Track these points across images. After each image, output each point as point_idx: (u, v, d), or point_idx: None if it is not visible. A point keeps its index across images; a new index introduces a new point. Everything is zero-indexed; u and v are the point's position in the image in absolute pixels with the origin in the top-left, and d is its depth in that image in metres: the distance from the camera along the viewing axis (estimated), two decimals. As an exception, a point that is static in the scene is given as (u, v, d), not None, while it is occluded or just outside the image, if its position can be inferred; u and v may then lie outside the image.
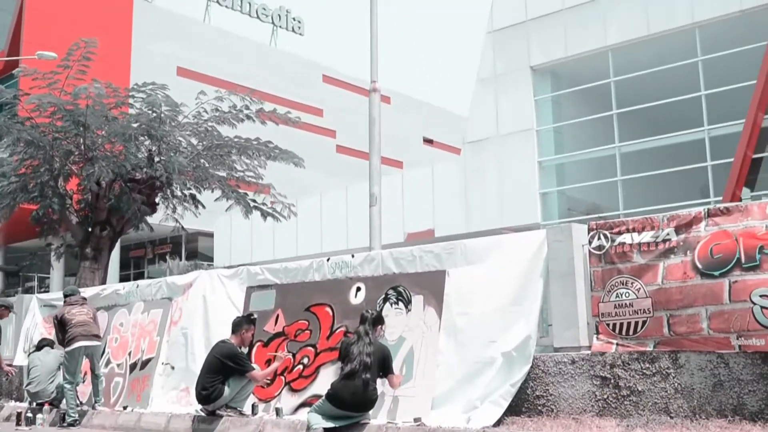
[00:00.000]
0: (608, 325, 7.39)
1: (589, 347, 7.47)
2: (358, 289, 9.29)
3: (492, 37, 26.11)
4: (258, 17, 48.37)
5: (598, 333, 7.46)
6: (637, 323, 7.21)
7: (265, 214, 20.91)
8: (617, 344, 7.29)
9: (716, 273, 6.83)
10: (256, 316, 9.76)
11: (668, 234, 7.16)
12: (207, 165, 19.67)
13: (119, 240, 22.53)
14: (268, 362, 9.47)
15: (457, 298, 8.36)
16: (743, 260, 6.72)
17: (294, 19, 50.29)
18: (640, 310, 7.19)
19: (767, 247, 6.64)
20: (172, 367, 10.83)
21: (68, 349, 10.75)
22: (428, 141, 52.83)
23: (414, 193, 27.50)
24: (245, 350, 9.48)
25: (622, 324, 7.31)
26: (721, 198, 21.00)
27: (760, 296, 6.55)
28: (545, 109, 25.17)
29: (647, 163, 23.93)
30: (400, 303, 8.81)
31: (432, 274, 8.64)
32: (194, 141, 19.81)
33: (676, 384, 6.86)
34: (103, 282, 18.37)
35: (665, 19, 22.71)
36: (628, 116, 23.99)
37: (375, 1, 13.94)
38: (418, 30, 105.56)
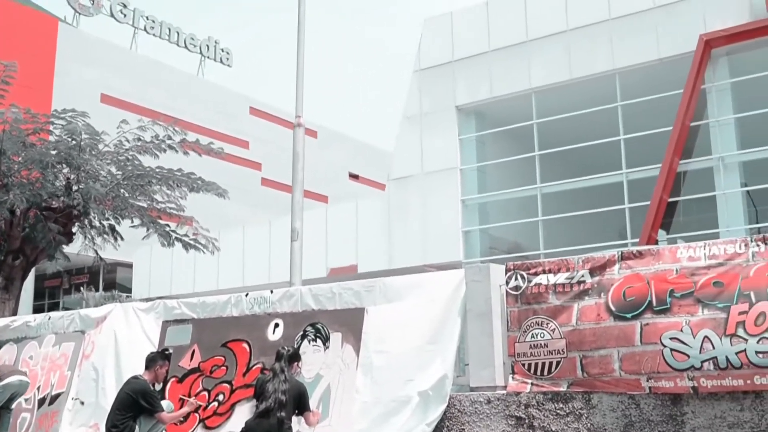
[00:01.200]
0: (524, 365, 7.45)
1: (505, 387, 7.51)
2: (276, 325, 9.20)
3: (419, 75, 26.40)
4: (186, 47, 48.05)
5: (513, 373, 7.51)
6: (551, 363, 7.29)
7: (187, 246, 20.59)
8: (532, 384, 7.36)
9: (628, 315, 6.96)
10: (171, 351, 9.56)
11: (583, 276, 7.29)
12: (127, 195, 19.31)
13: (34, 269, 21.89)
14: (182, 400, 9.26)
15: (376, 336, 8.34)
16: (654, 303, 6.86)
17: (222, 50, 50.11)
18: (555, 350, 7.28)
19: (678, 291, 6.80)
20: (82, 402, 10.51)
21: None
22: (354, 176, 53.00)
23: (338, 228, 27.49)
24: (159, 386, 9.25)
25: (537, 364, 7.38)
26: (638, 240, 21.47)
27: (670, 339, 6.70)
28: (469, 149, 25.47)
29: (568, 204, 24.37)
30: (318, 340, 8.75)
31: (351, 311, 8.62)
32: (114, 170, 19.44)
33: (588, 424, 6.94)
34: (14, 313, 17.78)
35: (587, 65, 23.28)
36: (550, 158, 24.44)
37: (302, 37, 13.97)
38: (348, 65, 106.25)
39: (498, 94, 24.75)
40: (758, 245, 6.64)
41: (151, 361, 8.97)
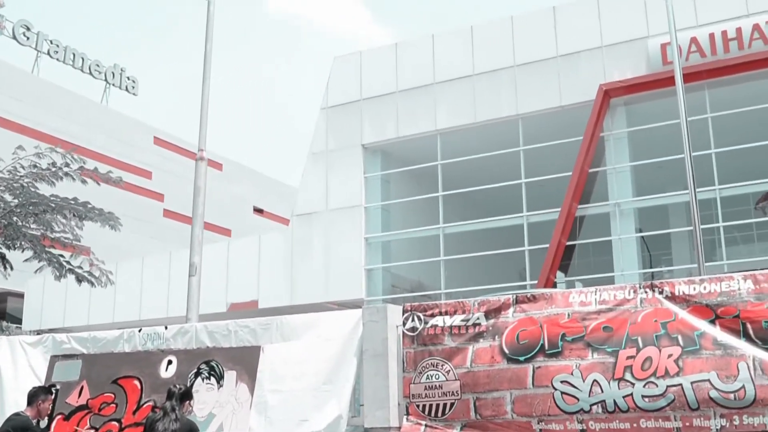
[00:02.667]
0: (418, 406, 7.44)
1: (399, 428, 7.48)
2: (170, 362, 8.97)
3: (326, 112, 26.48)
4: (90, 73, 47.09)
5: (408, 414, 7.49)
6: (445, 405, 7.30)
7: (80, 279, 20.00)
8: (426, 425, 7.34)
9: (521, 358, 7.04)
10: (58, 386, 9.22)
11: (478, 318, 7.35)
12: (20, 223, 18.69)
13: None
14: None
15: (271, 375, 8.22)
16: (547, 347, 6.96)
17: (128, 78, 49.29)
18: (449, 392, 7.29)
19: (569, 335, 6.91)
20: (-41, 440, 10.03)
21: None
22: (258, 210, 52.59)
23: (240, 262, 27.14)
24: (44, 423, 8.91)
25: (431, 405, 7.37)
26: (536, 281, 21.88)
27: (561, 382, 6.79)
28: (374, 187, 25.60)
29: (469, 245, 24.70)
30: (212, 378, 8.57)
31: (247, 349, 8.47)
32: (8, 197, 18.83)
33: (480, 467, 6.96)
34: None
35: (491, 109, 23.76)
36: (453, 198, 24.78)
37: (208, 71, 13.84)
38: (257, 99, 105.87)
39: (404, 134, 25.02)
40: (646, 292, 6.82)
41: (32, 397, 8.64)
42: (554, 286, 21.96)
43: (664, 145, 20.22)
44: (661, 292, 6.76)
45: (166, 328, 9.23)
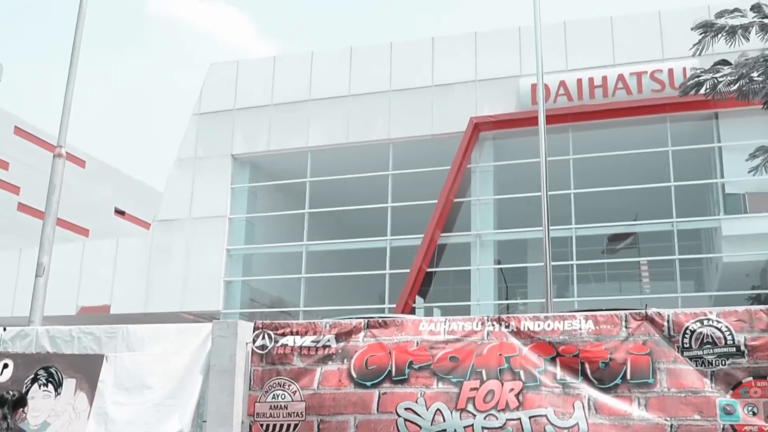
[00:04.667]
0: (262, 425, 7.34)
1: (241, 447, 7.38)
2: (6, 365, 8.53)
3: (198, 119, 26.03)
4: (-50, 55, 44.81)
5: (251, 433, 7.39)
6: (289, 426, 7.23)
7: None
8: (268, 446, 7.27)
9: (368, 383, 7.05)
10: None
11: (329, 340, 7.32)
12: None
13: None
14: None
15: (113, 386, 7.93)
16: (394, 373, 7.00)
17: (-8, 63, 47.05)
18: (294, 413, 7.23)
19: (416, 363, 6.98)
20: None
21: None
22: (120, 212, 51.03)
23: (94, 264, 26.19)
24: None
25: (275, 425, 7.29)
26: (395, 305, 22.08)
27: (405, 409, 6.84)
28: (240, 198, 25.30)
29: (332, 264, 24.72)
30: (50, 385, 8.20)
31: (89, 357, 8.15)
32: None
33: (318, 490, 6.93)
34: None
35: (364, 131, 23.94)
36: (319, 217, 24.77)
37: (75, 62, 13.34)
38: (131, 99, 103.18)
39: (275, 148, 24.88)
40: (493, 325, 6.97)
41: None
42: (413, 311, 22.26)
43: (527, 181, 20.84)
44: (507, 326, 6.93)
45: (4, 329, 8.79)
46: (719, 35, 9.09)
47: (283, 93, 25.09)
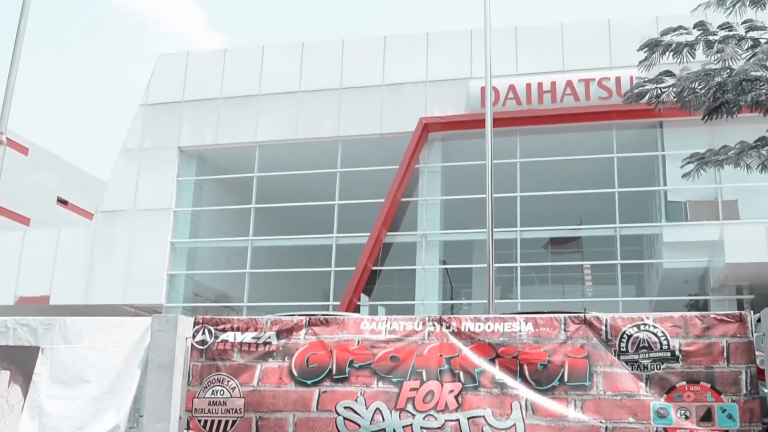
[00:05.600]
0: (200, 421, 7.28)
1: (178, 442, 7.32)
2: (-62, 356, 8.33)
3: (145, 110, 25.68)
4: None
5: (188, 429, 7.32)
6: (227, 422, 7.19)
7: None
8: (206, 442, 7.22)
9: (309, 382, 7.04)
10: None
11: (270, 337, 7.29)
12: None
13: None
14: None
15: (48, 379, 7.79)
16: (334, 372, 7.01)
17: (-66, 46, 45.98)
18: (233, 409, 7.19)
19: (357, 362, 6.99)
20: None
21: None
22: (63, 201, 50.13)
23: (34, 254, 25.67)
24: None
25: (213, 422, 7.24)
26: (340, 302, 22.08)
27: (345, 408, 6.85)
28: (186, 191, 25.02)
29: (277, 260, 24.63)
30: (-17, 377, 8.04)
31: (24, 349, 7.99)
32: None
33: (255, 488, 6.89)
34: None
35: (313, 128, 23.85)
36: (266, 212, 24.64)
37: (20, 47, 13.10)
38: (78, 87, 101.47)
39: (223, 142, 24.67)
40: (434, 325, 7.01)
41: None
42: (357, 309, 22.29)
43: (474, 183, 20.96)
44: (448, 327, 6.97)
45: (-62, 319, 8.58)
46: (666, 53, 9.26)
47: (233, 86, 24.89)
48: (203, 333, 7.50)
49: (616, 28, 22.03)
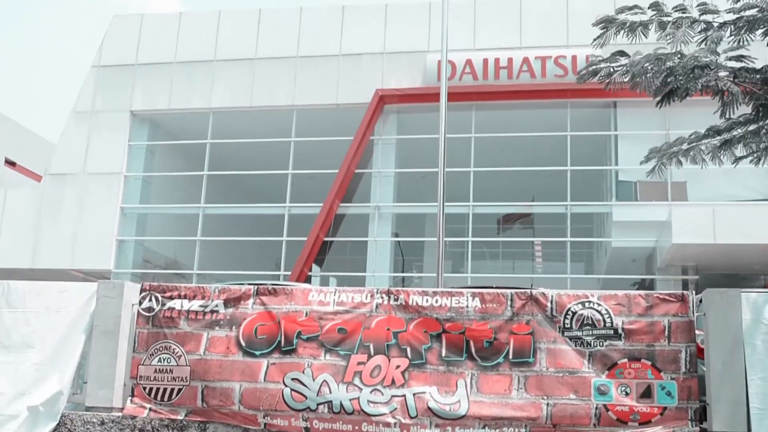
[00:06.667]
0: (145, 388, 7.26)
1: (122, 409, 7.27)
2: None
3: (97, 71, 25.18)
4: None
5: (133, 396, 7.30)
6: (173, 390, 7.17)
7: None
8: (150, 409, 7.19)
9: (257, 353, 7.05)
10: None
11: (217, 306, 7.27)
12: None
13: None
14: None
15: (-9, 344, 7.69)
16: (283, 343, 7.02)
17: None
18: (179, 377, 7.17)
19: (305, 333, 7.00)
20: None
21: None
22: (11, 163, 49.15)
23: (-21, 216, 25.13)
24: None
25: (158, 389, 7.23)
26: (291, 272, 22.03)
27: (292, 379, 6.87)
28: (137, 156, 24.63)
29: (229, 228, 24.46)
30: (-77, 340, 7.89)
31: (-34, 313, 7.87)
32: None
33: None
34: None
35: (268, 96, 23.61)
36: (218, 179, 24.42)
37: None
38: (28, 47, 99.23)
39: (176, 107, 24.30)
40: (382, 297, 7.03)
41: None
42: (308, 279, 22.27)
43: (428, 156, 20.97)
44: (396, 300, 7.00)
45: None
46: (620, 31, 9.32)
47: (188, 51, 24.50)
48: (150, 300, 7.45)
49: (574, 7, 22.09)
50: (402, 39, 23.07)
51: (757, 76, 9.13)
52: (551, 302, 6.76)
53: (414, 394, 6.63)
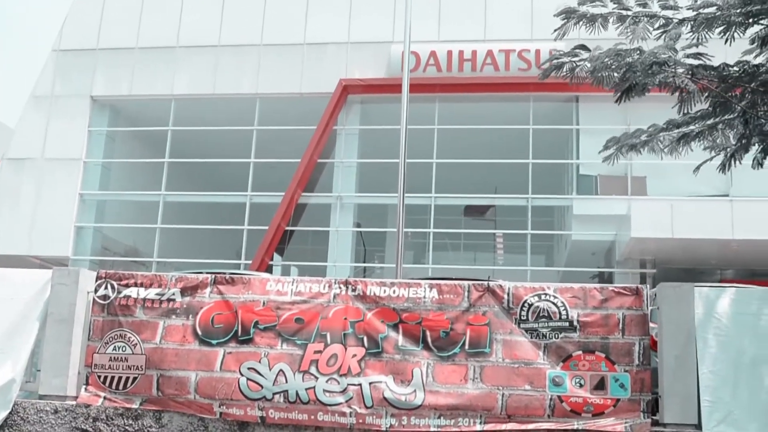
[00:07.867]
0: (99, 377, 7.20)
1: (76, 398, 7.21)
2: None
3: (56, 55, 24.83)
4: None
5: (87, 384, 7.23)
6: (128, 379, 7.13)
7: None
8: (105, 398, 7.13)
9: (213, 342, 7.03)
10: None
11: (174, 294, 7.22)
12: None
13: None
14: None
15: (-58, 330, 7.57)
16: (240, 333, 7.01)
17: None
18: (134, 366, 7.13)
19: (262, 323, 6.99)
20: None
21: None
22: (-31, 147, 48.46)
23: (-65, 201, 24.68)
24: None
25: (113, 378, 7.17)
26: (251, 261, 21.94)
27: (248, 369, 6.86)
28: (97, 142, 24.31)
29: (190, 216, 24.27)
30: None
31: None
32: None
33: (153, 445, 6.86)
34: None
35: (231, 84, 23.45)
36: (180, 167, 24.22)
37: None
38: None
39: (137, 93, 24.04)
40: (340, 288, 7.05)
41: None
42: (269, 268, 22.20)
43: (391, 147, 20.93)
44: (354, 290, 7.02)
45: None
46: (580, 22, 9.37)
47: (150, 37, 24.20)
48: (105, 288, 7.39)
49: (538, 1, 22.19)
50: (367, 29, 23.02)
51: (714, 74, 9.23)
52: (508, 294, 6.81)
53: (370, 384, 6.65)
